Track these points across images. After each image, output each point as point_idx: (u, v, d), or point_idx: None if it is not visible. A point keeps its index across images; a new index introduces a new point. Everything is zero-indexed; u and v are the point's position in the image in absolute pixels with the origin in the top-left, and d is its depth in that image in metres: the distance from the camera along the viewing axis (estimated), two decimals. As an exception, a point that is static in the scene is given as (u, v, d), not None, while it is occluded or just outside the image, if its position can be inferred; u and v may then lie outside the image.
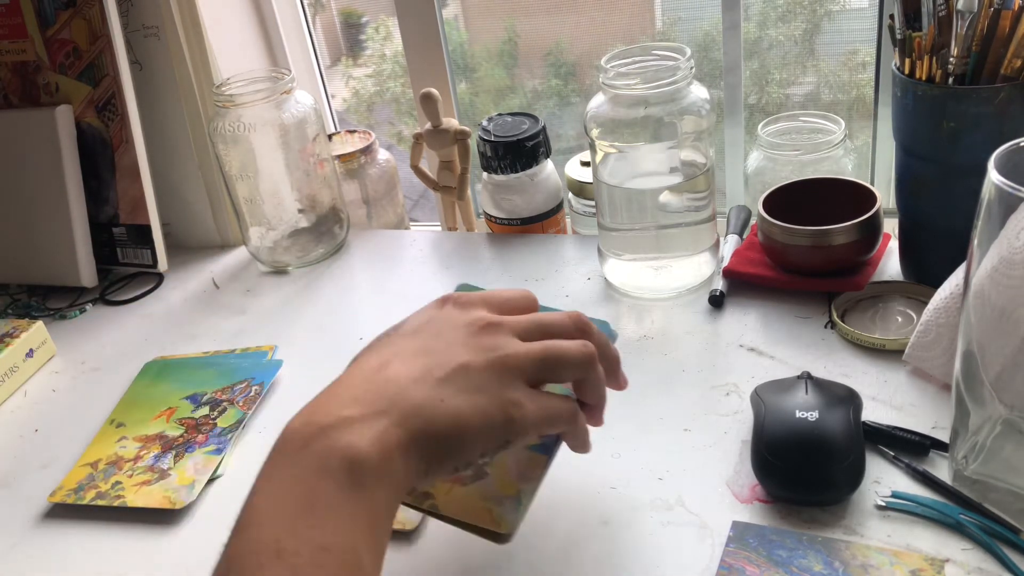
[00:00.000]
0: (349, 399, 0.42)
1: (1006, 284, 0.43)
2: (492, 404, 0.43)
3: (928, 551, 0.48)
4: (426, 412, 0.42)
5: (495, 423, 0.43)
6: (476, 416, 0.43)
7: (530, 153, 0.83)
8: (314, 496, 0.39)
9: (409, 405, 0.42)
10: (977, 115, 0.58)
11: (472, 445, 0.43)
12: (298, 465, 0.40)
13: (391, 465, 0.40)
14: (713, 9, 0.93)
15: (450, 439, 0.42)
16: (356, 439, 0.40)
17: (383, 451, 0.40)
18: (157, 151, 0.89)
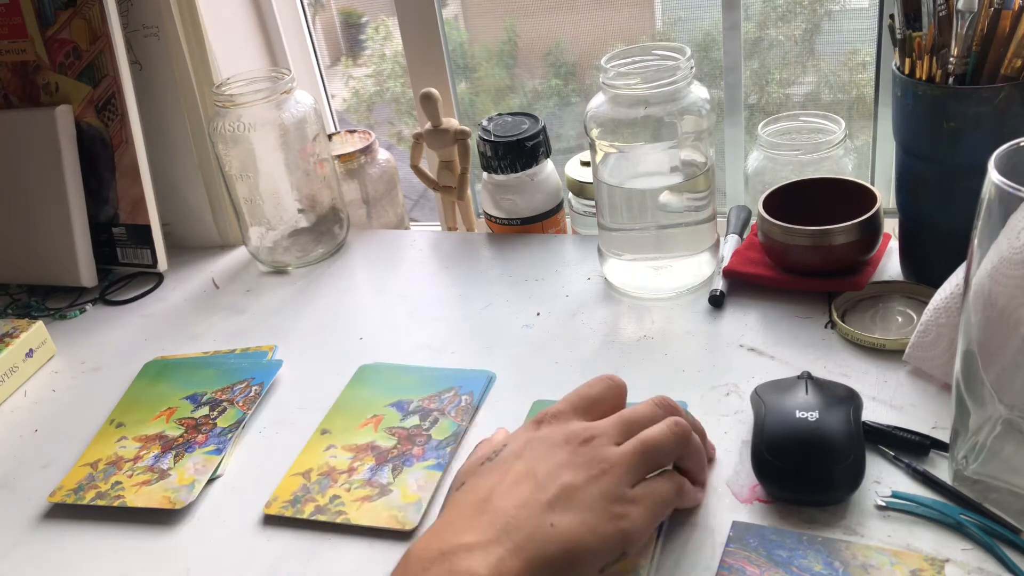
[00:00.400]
0: (464, 527, 0.44)
1: (1006, 284, 0.43)
2: (601, 520, 0.44)
3: (928, 551, 0.48)
4: (538, 538, 0.43)
5: (607, 538, 0.44)
6: (588, 535, 0.44)
7: (530, 153, 0.83)
8: None
9: (521, 534, 0.43)
10: (977, 115, 0.57)
11: (589, 563, 0.44)
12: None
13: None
14: (713, 9, 0.93)
15: (565, 562, 0.43)
16: (475, 565, 0.41)
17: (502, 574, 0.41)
18: (157, 151, 0.89)
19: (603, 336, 0.71)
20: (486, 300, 0.78)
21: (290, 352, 0.75)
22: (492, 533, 0.43)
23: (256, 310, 0.83)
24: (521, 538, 0.43)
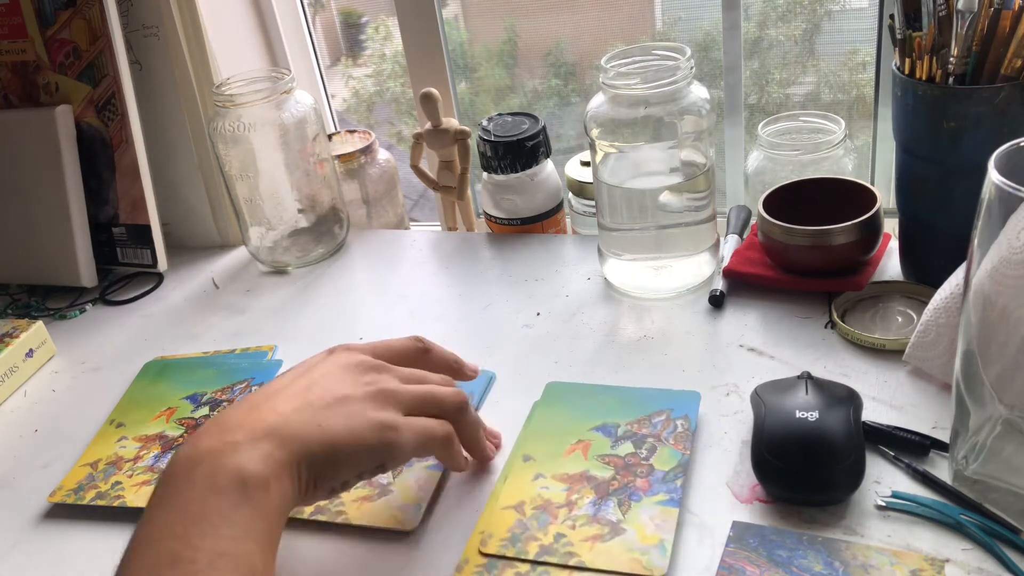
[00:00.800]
0: (233, 426, 0.46)
1: (1006, 284, 0.43)
2: (367, 429, 0.48)
3: (928, 551, 0.48)
4: (304, 436, 0.46)
5: (370, 446, 0.48)
6: (351, 440, 0.47)
7: (530, 153, 0.83)
8: (206, 510, 0.42)
9: (289, 431, 0.46)
10: (977, 115, 0.57)
11: (348, 466, 0.48)
12: (188, 486, 0.43)
13: (277, 482, 0.44)
14: (713, 9, 0.93)
15: (327, 461, 0.47)
16: (243, 460, 0.44)
17: (268, 469, 0.44)
18: (157, 151, 0.89)
19: (603, 336, 0.71)
20: (486, 300, 0.78)
21: (290, 352, 0.75)
22: (261, 430, 0.45)
23: (256, 310, 0.83)
24: (288, 435, 0.46)
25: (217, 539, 0.41)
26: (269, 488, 0.44)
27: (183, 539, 0.41)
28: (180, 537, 0.41)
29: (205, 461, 0.44)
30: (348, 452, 0.47)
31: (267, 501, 0.44)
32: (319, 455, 0.46)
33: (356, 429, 0.48)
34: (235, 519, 0.42)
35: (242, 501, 0.43)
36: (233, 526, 0.42)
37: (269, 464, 0.44)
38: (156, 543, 0.41)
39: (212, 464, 0.44)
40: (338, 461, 0.47)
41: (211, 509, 0.42)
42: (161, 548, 0.41)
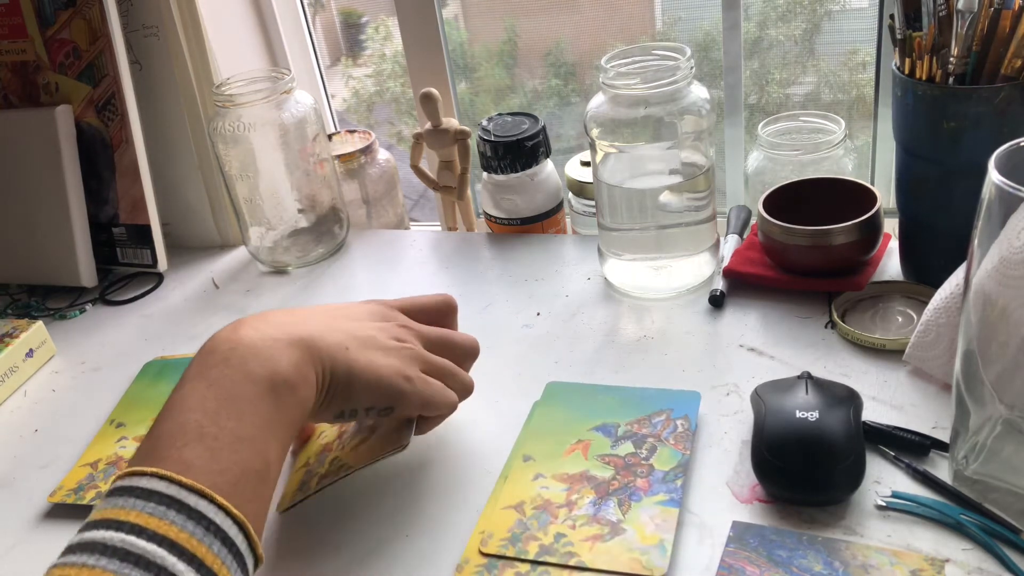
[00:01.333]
0: (275, 324, 0.50)
1: (1006, 284, 0.43)
2: (389, 369, 0.52)
3: (928, 551, 0.48)
4: (332, 354, 0.50)
5: (385, 385, 0.51)
6: (370, 373, 0.51)
7: (530, 153, 0.83)
8: (237, 395, 0.45)
9: (323, 345, 0.50)
10: (977, 115, 0.57)
11: (361, 396, 0.51)
12: (226, 368, 0.46)
13: (302, 390, 0.48)
14: (713, 9, 0.93)
15: (344, 385, 0.50)
16: (278, 359, 0.47)
17: (298, 376, 0.48)
18: (157, 151, 0.89)
19: (603, 336, 0.71)
20: (486, 300, 0.78)
21: (290, 352, 0.75)
22: (297, 337, 0.49)
23: (256, 310, 0.83)
24: (320, 348, 0.49)
25: (241, 423, 0.44)
26: (295, 391, 0.47)
27: (212, 416, 0.44)
28: (210, 413, 0.44)
29: (245, 350, 0.47)
30: (364, 383, 0.51)
31: (291, 403, 0.47)
32: (340, 376, 0.50)
33: (376, 365, 0.51)
34: (261, 410, 0.46)
35: (270, 396, 0.46)
36: (257, 415, 0.45)
37: (299, 370, 0.48)
38: (187, 412, 0.44)
39: (251, 354, 0.47)
40: (353, 387, 0.51)
41: (242, 395, 0.45)
42: (191, 418, 0.44)
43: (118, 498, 0.40)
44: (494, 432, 0.62)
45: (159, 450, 0.43)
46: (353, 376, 0.50)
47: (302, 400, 0.48)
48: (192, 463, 0.42)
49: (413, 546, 0.54)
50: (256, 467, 0.44)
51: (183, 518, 0.40)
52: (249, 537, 0.42)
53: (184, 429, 0.43)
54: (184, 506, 0.40)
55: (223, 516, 0.41)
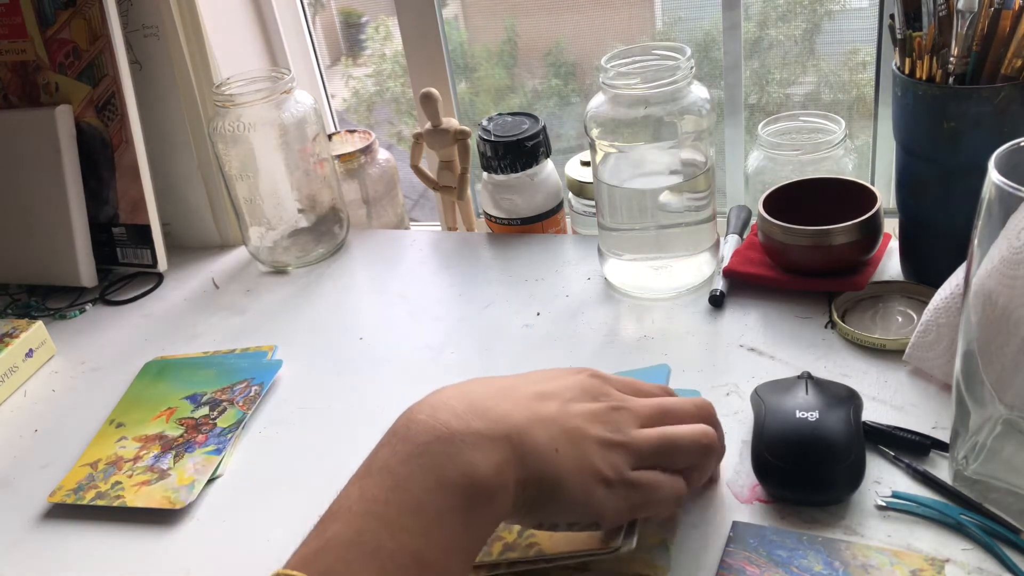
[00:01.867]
0: (479, 408, 0.42)
1: (1007, 284, 0.43)
2: (595, 480, 0.43)
3: (928, 551, 0.48)
4: (541, 454, 0.42)
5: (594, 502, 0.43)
6: (577, 488, 0.43)
7: (530, 153, 0.83)
8: (426, 505, 0.39)
9: (531, 445, 0.42)
10: (977, 115, 0.57)
11: (566, 512, 0.44)
12: (416, 462, 0.40)
13: (500, 498, 0.40)
14: (713, 9, 0.93)
15: (549, 494, 0.42)
16: (480, 460, 0.40)
17: (500, 480, 0.40)
18: (157, 151, 0.89)
19: (603, 336, 0.71)
20: (486, 300, 0.78)
21: (290, 352, 0.75)
22: (505, 427, 0.42)
23: (256, 310, 0.83)
24: (529, 445, 0.42)
25: (426, 542, 0.38)
26: (492, 502, 0.40)
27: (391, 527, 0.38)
28: (391, 523, 0.38)
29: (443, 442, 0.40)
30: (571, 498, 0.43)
31: (484, 516, 0.40)
32: (546, 487, 0.42)
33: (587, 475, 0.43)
34: (449, 526, 0.39)
35: (463, 508, 0.39)
36: (444, 534, 0.39)
37: (501, 474, 0.41)
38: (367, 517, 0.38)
39: (449, 450, 0.40)
40: (557, 501, 0.43)
41: (431, 506, 0.39)
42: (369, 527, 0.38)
43: None
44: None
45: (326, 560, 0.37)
46: (558, 491, 0.42)
47: (497, 512, 0.41)
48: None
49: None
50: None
51: None
52: None
53: (359, 539, 0.37)
54: None
55: None
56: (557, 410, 0.44)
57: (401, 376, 0.70)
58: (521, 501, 0.42)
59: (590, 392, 0.47)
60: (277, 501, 0.59)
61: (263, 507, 0.59)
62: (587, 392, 0.47)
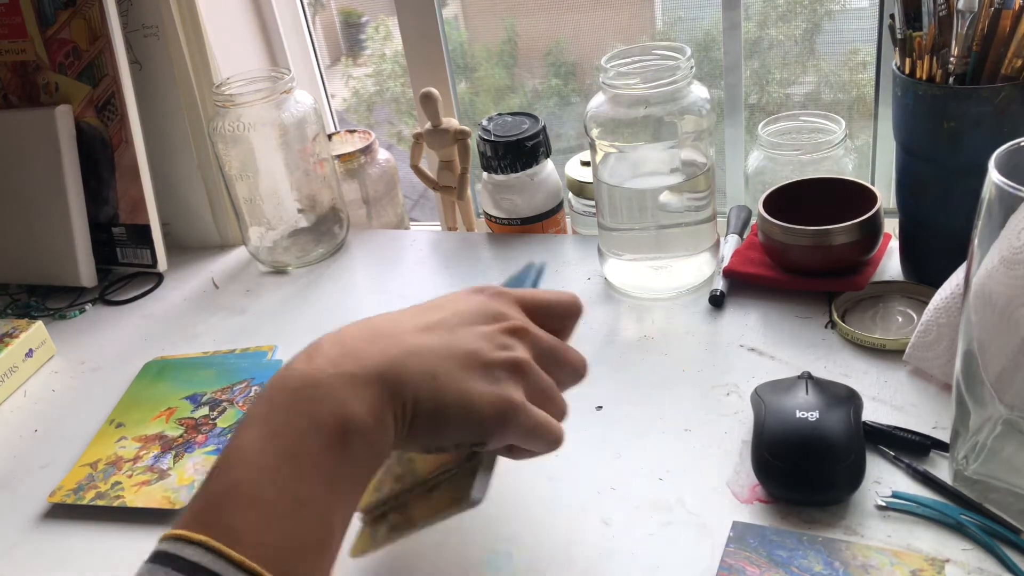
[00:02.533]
0: (354, 352, 0.42)
1: (1007, 284, 0.43)
2: (485, 399, 0.43)
3: (928, 551, 0.48)
4: (415, 386, 0.42)
5: (480, 419, 0.43)
6: (463, 406, 0.43)
7: (530, 153, 0.83)
8: (301, 449, 0.39)
9: (407, 377, 0.42)
10: (977, 115, 0.57)
11: (450, 433, 0.43)
12: (290, 410, 0.40)
13: (378, 436, 0.41)
14: (713, 9, 0.93)
15: (431, 420, 0.42)
16: (353, 401, 0.40)
17: (374, 420, 0.40)
18: (157, 151, 0.89)
19: (603, 336, 0.71)
20: (486, 300, 0.78)
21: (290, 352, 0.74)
22: (374, 370, 0.41)
23: (256, 310, 0.83)
24: (400, 383, 0.42)
25: (304, 484, 0.39)
26: (369, 440, 0.40)
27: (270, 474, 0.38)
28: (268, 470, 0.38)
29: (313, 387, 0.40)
30: (454, 419, 0.43)
31: (363, 455, 0.41)
32: (425, 412, 0.42)
33: (470, 396, 0.43)
34: (327, 466, 0.39)
35: (339, 448, 0.39)
36: (322, 474, 0.39)
37: (376, 410, 0.41)
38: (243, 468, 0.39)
39: (319, 393, 0.40)
40: (440, 424, 0.43)
41: (307, 449, 0.39)
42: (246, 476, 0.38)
43: (159, 568, 0.36)
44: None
45: (208, 512, 0.38)
46: (441, 412, 0.42)
47: (377, 450, 0.41)
48: (243, 533, 0.36)
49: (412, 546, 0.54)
50: (317, 536, 0.38)
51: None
52: None
53: (237, 490, 0.38)
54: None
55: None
56: (439, 339, 0.44)
57: (401, 376, 0.70)
58: (405, 432, 0.42)
59: (487, 314, 0.46)
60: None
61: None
62: (483, 314, 0.46)
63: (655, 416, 0.61)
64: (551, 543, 0.52)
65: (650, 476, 0.56)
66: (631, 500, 0.54)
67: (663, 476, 0.56)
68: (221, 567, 0.35)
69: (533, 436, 0.45)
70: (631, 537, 0.52)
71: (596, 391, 0.64)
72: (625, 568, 0.50)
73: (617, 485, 0.55)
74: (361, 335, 0.44)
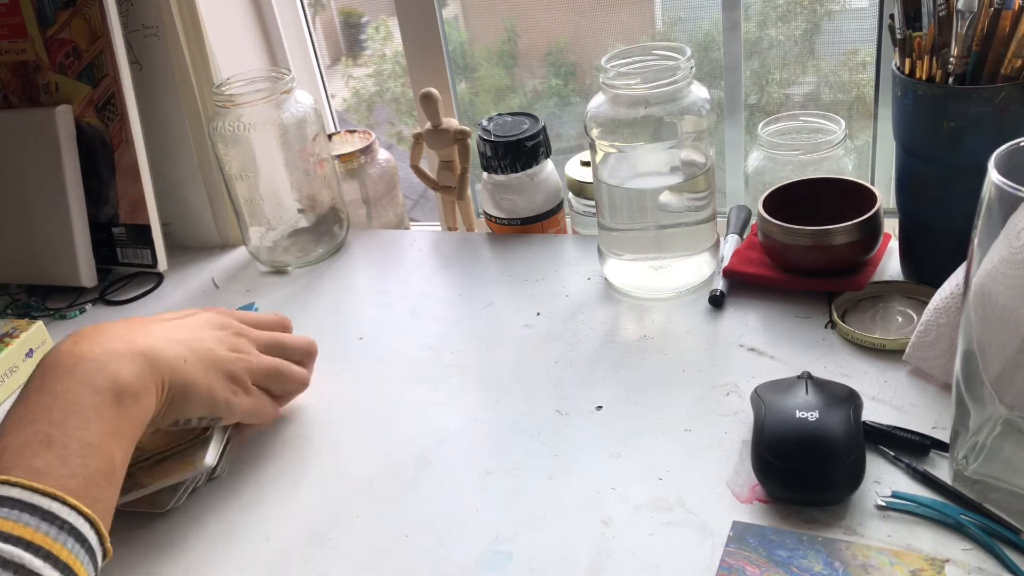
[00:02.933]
0: (115, 337, 0.53)
1: (1006, 284, 0.43)
2: (219, 385, 0.57)
3: (928, 551, 0.48)
4: (173, 366, 0.54)
5: (215, 400, 0.57)
6: (204, 388, 0.56)
7: (530, 153, 0.83)
8: (81, 404, 0.49)
9: (162, 357, 0.54)
10: (977, 115, 0.57)
11: (195, 407, 0.56)
12: (69, 380, 0.50)
13: (145, 395, 0.52)
14: (713, 9, 0.93)
15: (181, 395, 0.55)
16: (121, 369, 0.51)
17: (140, 386, 0.52)
18: (157, 151, 0.89)
19: (603, 336, 0.71)
20: (486, 300, 0.78)
21: (290, 352, 0.75)
22: (138, 347, 0.53)
23: (256, 310, 0.83)
24: (161, 359, 0.54)
25: (88, 431, 0.48)
26: (138, 399, 0.51)
27: (59, 425, 0.48)
28: (56, 423, 0.48)
29: (88, 361, 0.51)
30: (198, 396, 0.56)
31: (133, 412, 0.51)
32: (178, 388, 0.54)
33: (211, 380, 0.57)
34: (105, 417, 0.49)
35: (114, 405, 0.50)
36: (102, 423, 0.49)
37: (142, 379, 0.52)
38: (34, 424, 0.47)
39: (94, 365, 0.50)
40: (188, 399, 0.55)
41: (87, 404, 0.49)
42: (39, 429, 0.47)
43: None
44: (493, 432, 0.62)
45: (10, 460, 0.46)
46: (189, 389, 0.55)
47: (144, 408, 0.52)
48: (43, 470, 0.45)
49: (412, 547, 0.54)
50: (104, 469, 0.48)
51: (37, 520, 0.43)
52: (99, 532, 0.46)
53: (34, 439, 0.47)
54: (38, 509, 0.43)
55: (75, 515, 0.45)
56: (186, 335, 0.57)
57: (401, 376, 0.70)
58: (163, 401, 0.54)
59: (216, 324, 0.61)
60: (276, 501, 0.59)
61: (262, 506, 0.59)
62: (213, 324, 0.61)
63: (655, 416, 0.61)
64: (551, 543, 0.52)
65: (650, 476, 0.56)
66: (631, 500, 0.54)
67: (663, 476, 0.56)
68: (28, 496, 0.44)
69: (252, 416, 0.61)
70: (631, 537, 0.52)
71: (596, 391, 0.64)
72: (625, 568, 0.50)
73: (617, 485, 0.55)
74: (118, 327, 0.55)
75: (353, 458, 0.62)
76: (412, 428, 0.64)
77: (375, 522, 0.56)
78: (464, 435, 0.62)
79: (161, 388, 0.53)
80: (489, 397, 0.66)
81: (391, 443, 0.63)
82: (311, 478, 0.61)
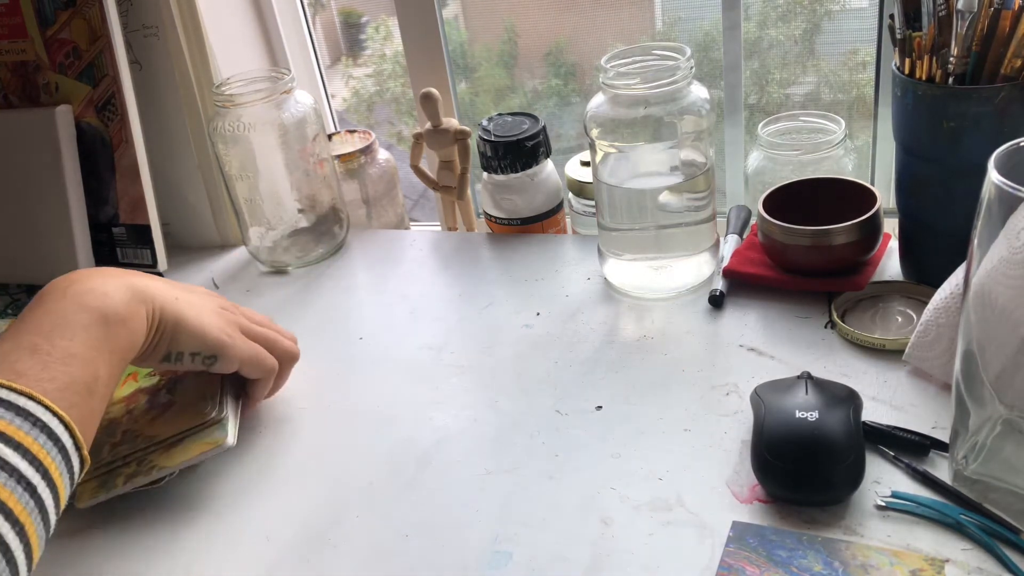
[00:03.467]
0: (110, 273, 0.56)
1: (1006, 284, 0.43)
2: (211, 323, 0.59)
3: (928, 551, 0.48)
4: (162, 300, 0.56)
5: (207, 335, 0.58)
6: (195, 322, 0.58)
7: (530, 153, 0.83)
8: (69, 320, 0.51)
9: (152, 292, 0.56)
10: (977, 115, 0.57)
11: (188, 340, 0.57)
12: (60, 300, 0.52)
13: (133, 323, 0.54)
14: (713, 9, 0.93)
15: (173, 328, 0.57)
16: (111, 295, 0.54)
17: (129, 311, 0.54)
18: (157, 151, 0.89)
19: (603, 336, 0.71)
20: (486, 300, 0.78)
21: (290, 352, 0.75)
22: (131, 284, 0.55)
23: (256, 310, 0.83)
24: (150, 295, 0.56)
25: (73, 342, 0.50)
26: (126, 324, 0.53)
27: (46, 336, 0.50)
28: (43, 334, 0.50)
29: (80, 284, 0.53)
30: (190, 329, 0.57)
31: (121, 334, 0.53)
32: (168, 319, 0.56)
33: (202, 318, 0.58)
34: (92, 334, 0.51)
35: (101, 324, 0.52)
36: (89, 338, 0.51)
37: (130, 307, 0.54)
38: (23, 335, 0.50)
39: (85, 287, 0.53)
40: (180, 332, 0.57)
41: (75, 320, 0.51)
42: (25, 339, 0.49)
43: None
44: (493, 432, 0.62)
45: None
46: (180, 322, 0.57)
47: (132, 332, 0.54)
48: (23, 372, 0.48)
49: (412, 547, 0.54)
50: (85, 379, 0.49)
51: (11, 415, 0.45)
52: (74, 436, 0.48)
53: (19, 346, 0.49)
54: (12, 405, 0.45)
55: (49, 415, 0.47)
56: (182, 293, 0.59)
57: (401, 376, 0.70)
58: (154, 331, 0.56)
59: (212, 296, 0.64)
60: (277, 500, 0.59)
61: (262, 506, 0.59)
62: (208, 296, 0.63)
63: (655, 416, 0.61)
64: (551, 543, 0.52)
65: (650, 476, 0.56)
66: (631, 500, 0.54)
67: (663, 476, 0.56)
68: (4, 393, 0.46)
69: (252, 365, 0.61)
70: (631, 537, 0.52)
71: (596, 391, 0.64)
72: (625, 568, 0.50)
73: (617, 485, 0.56)
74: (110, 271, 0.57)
75: (353, 458, 0.62)
76: (412, 428, 0.64)
77: (375, 522, 0.56)
78: (464, 435, 0.62)
79: (151, 316, 0.55)
80: (489, 397, 0.66)
81: (391, 443, 0.63)
82: (311, 478, 0.61)
